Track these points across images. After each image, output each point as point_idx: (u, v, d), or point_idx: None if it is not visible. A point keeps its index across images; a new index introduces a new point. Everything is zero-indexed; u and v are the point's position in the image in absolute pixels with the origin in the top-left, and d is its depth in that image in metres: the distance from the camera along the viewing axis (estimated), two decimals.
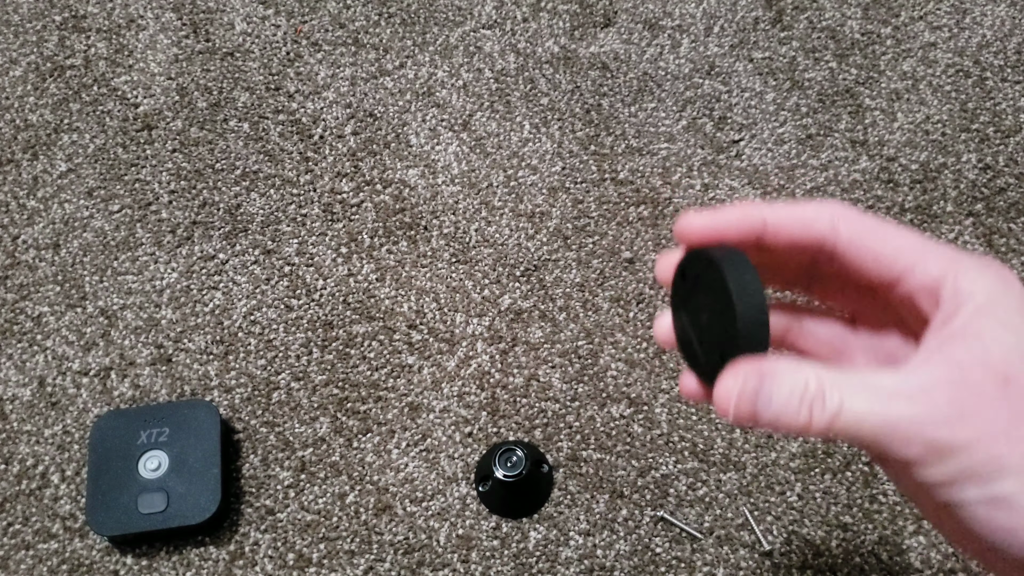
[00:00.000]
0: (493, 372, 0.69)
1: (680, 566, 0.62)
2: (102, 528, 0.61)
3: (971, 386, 0.28)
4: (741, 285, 0.30)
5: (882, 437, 0.28)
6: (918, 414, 0.28)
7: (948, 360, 0.29)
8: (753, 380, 0.29)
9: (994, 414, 0.28)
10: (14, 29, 0.82)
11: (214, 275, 0.72)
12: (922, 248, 0.31)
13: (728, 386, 0.30)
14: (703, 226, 0.32)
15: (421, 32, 0.83)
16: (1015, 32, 0.83)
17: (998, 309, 0.29)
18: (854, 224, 0.31)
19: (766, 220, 0.32)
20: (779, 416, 0.29)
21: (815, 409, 0.28)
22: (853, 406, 0.28)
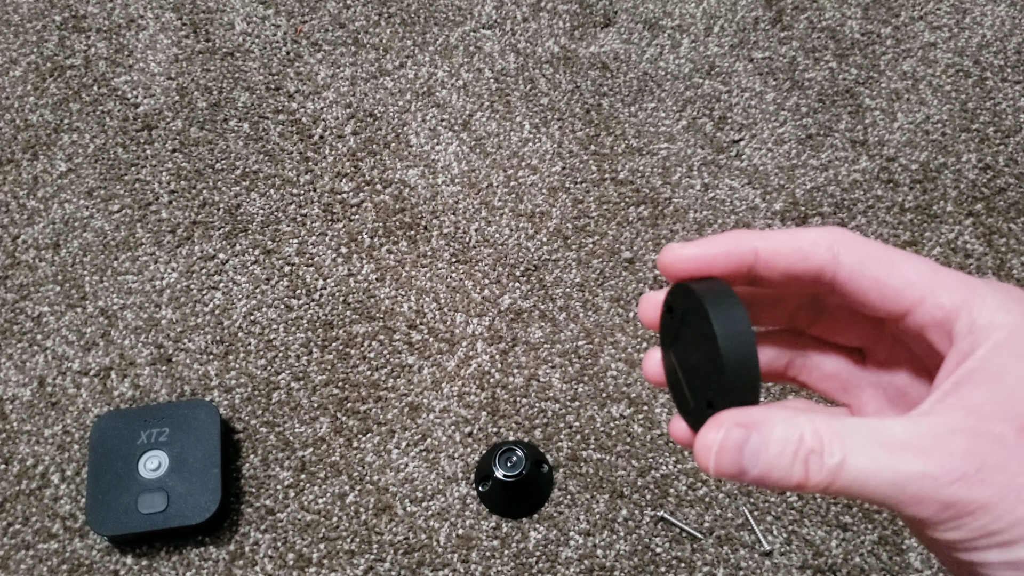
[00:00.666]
0: (493, 372, 0.69)
1: (680, 566, 0.62)
2: (102, 528, 0.61)
3: (990, 436, 0.25)
4: (727, 327, 0.27)
5: (891, 496, 0.25)
6: (931, 470, 0.25)
7: (964, 405, 0.26)
8: (737, 433, 0.27)
9: (1017, 468, 0.25)
10: (14, 29, 0.82)
11: (214, 275, 0.72)
12: (932, 277, 0.28)
13: (709, 439, 0.27)
14: (689, 258, 0.30)
15: (421, 32, 0.83)
16: (1015, 32, 0.83)
17: (1020, 349, 0.26)
18: (856, 252, 0.28)
19: (758, 250, 0.29)
20: (769, 472, 0.26)
21: (812, 465, 0.26)
22: (857, 462, 0.25)
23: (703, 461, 0.27)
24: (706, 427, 0.27)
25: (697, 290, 0.28)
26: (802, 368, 0.34)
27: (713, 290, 0.28)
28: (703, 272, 0.30)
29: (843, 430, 0.26)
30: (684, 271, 0.30)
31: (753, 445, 0.26)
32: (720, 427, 0.27)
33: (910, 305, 0.28)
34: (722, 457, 0.27)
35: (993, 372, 0.26)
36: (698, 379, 0.29)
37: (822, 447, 0.26)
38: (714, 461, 0.27)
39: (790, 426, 0.26)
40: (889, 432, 0.26)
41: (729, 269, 0.29)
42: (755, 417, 0.27)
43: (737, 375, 0.27)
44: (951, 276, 0.28)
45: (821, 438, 0.26)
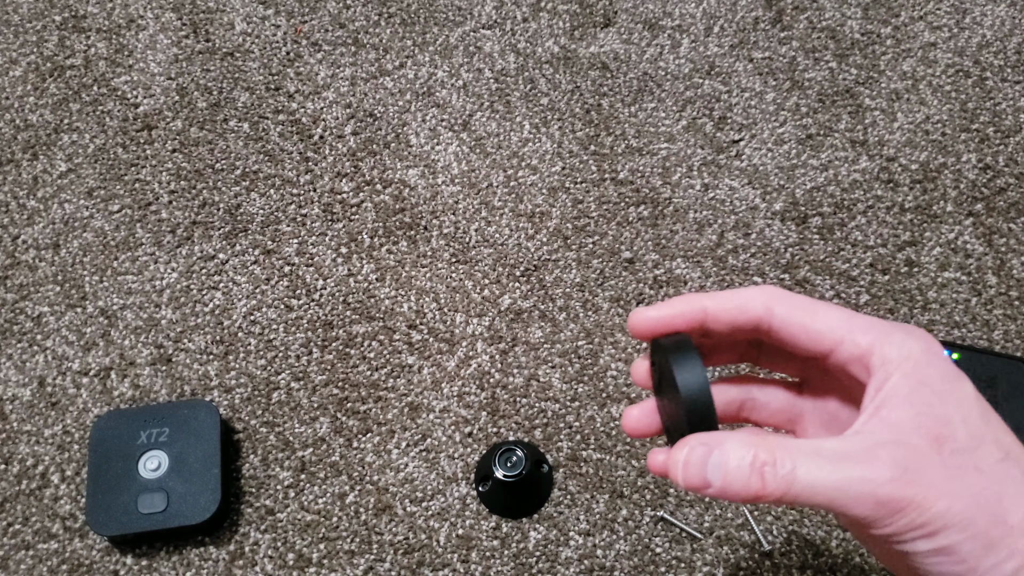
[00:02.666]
0: (493, 372, 0.69)
1: (680, 566, 0.62)
2: (102, 528, 0.61)
3: (909, 447, 0.31)
4: (685, 372, 0.33)
5: (836, 499, 0.30)
6: (866, 474, 0.30)
7: (885, 424, 0.31)
8: (700, 450, 0.32)
9: (933, 471, 0.30)
10: (14, 29, 0.82)
11: (214, 275, 0.72)
12: (849, 322, 0.33)
13: (676, 456, 0.32)
14: (651, 320, 0.36)
15: (421, 32, 0.83)
16: (1015, 32, 0.83)
17: (924, 375, 0.32)
18: (786, 305, 0.34)
19: (706, 309, 0.35)
20: (730, 482, 0.31)
21: (767, 476, 0.30)
22: (807, 472, 0.30)
23: (673, 475, 0.33)
24: (675, 447, 0.33)
25: (664, 345, 0.34)
26: (752, 409, 0.40)
27: (677, 344, 0.34)
28: (665, 331, 0.36)
29: (792, 446, 0.31)
30: (650, 331, 0.36)
31: (715, 460, 0.31)
32: (686, 446, 0.32)
33: (832, 345, 0.34)
34: (688, 470, 0.32)
35: (905, 396, 0.32)
36: (674, 420, 0.35)
37: (775, 460, 0.30)
38: (682, 474, 0.32)
39: (746, 444, 0.31)
40: (831, 448, 0.31)
41: (684, 326, 0.36)
42: (716, 438, 0.32)
43: (697, 413, 0.33)
44: (865, 320, 0.33)
45: (773, 453, 0.31)
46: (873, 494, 0.30)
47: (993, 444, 0.31)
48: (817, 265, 0.73)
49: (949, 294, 0.72)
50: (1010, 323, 0.70)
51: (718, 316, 0.35)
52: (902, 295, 0.71)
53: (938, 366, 0.32)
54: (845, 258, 0.73)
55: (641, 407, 0.39)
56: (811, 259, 0.73)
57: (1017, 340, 0.70)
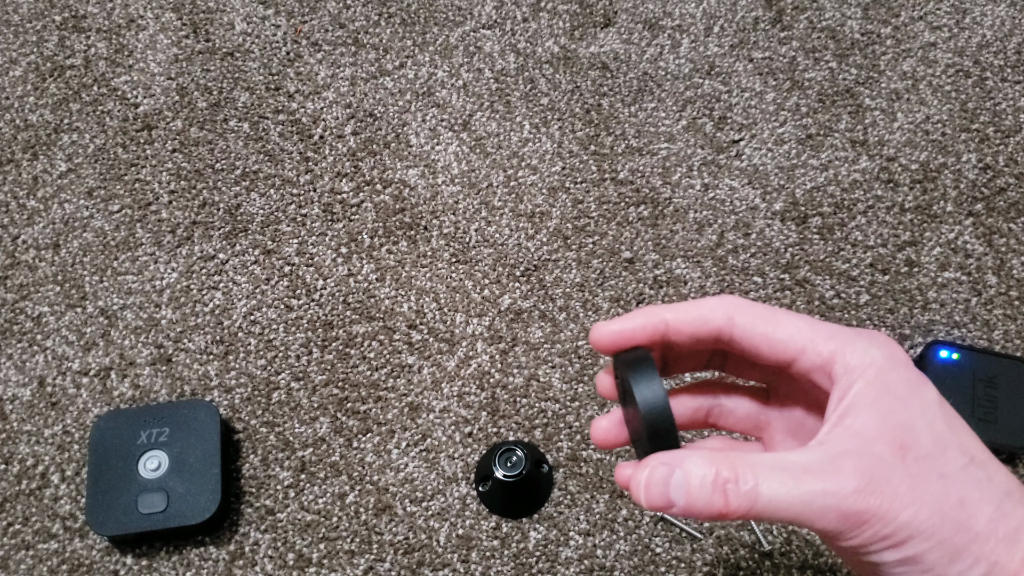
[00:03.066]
0: (493, 372, 0.69)
1: (680, 566, 0.62)
2: (102, 528, 0.61)
3: (873, 456, 0.30)
4: (644, 390, 0.33)
5: (801, 514, 0.30)
6: (831, 487, 0.30)
7: (848, 433, 0.31)
8: (661, 471, 0.31)
9: (898, 480, 0.30)
10: (14, 29, 0.83)
11: (214, 275, 0.72)
12: (811, 330, 0.33)
13: (639, 477, 0.32)
14: (613, 333, 0.35)
15: (421, 32, 0.83)
16: (1015, 32, 0.83)
17: (887, 382, 0.32)
18: (747, 315, 0.34)
19: (667, 321, 0.35)
20: (693, 501, 0.31)
21: (730, 493, 0.30)
22: (770, 487, 0.30)
23: (636, 496, 0.32)
24: (637, 468, 0.32)
25: (624, 360, 0.35)
26: (719, 415, 0.40)
27: (636, 360, 0.34)
28: (628, 343, 0.35)
29: (755, 462, 0.31)
30: (612, 344, 0.36)
31: (677, 480, 0.31)
32: (647, 467, 0.32)
33: (794, 354, 0.33)
34: (650, 491, 0.32)
35: (869, 404, 0.31)
36: (638, 433, 0.34)
37: (737, 477, 0.30)
38: (644, 495, 0.32)
39: (708, 462, 0.31)
40: (794, 461, 0.31)
41: (646, 338, 0.35)
42: (677, 457, 0.31)
43: (657, 432, 0.32)
44: (826, 328, 0.33)
45: (735, 470, 0.30)
46: (837, 508, 0.30)
47: (957, 449, 0.31)
48: (817, 265, 0.73)
49: (949, 294, 0.72)
50: (1010, 323, 0.70)
51: (679, 328, 0.35)
52: (902, 295, 0.71)
53: (901, 373, 0.32)
54: (845, 258, 0.73)
55: (609, 418, 0.39)
56: (811, 259, 0.73)
57: (1017, 340, 0.70)
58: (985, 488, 0.31)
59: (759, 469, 0.30)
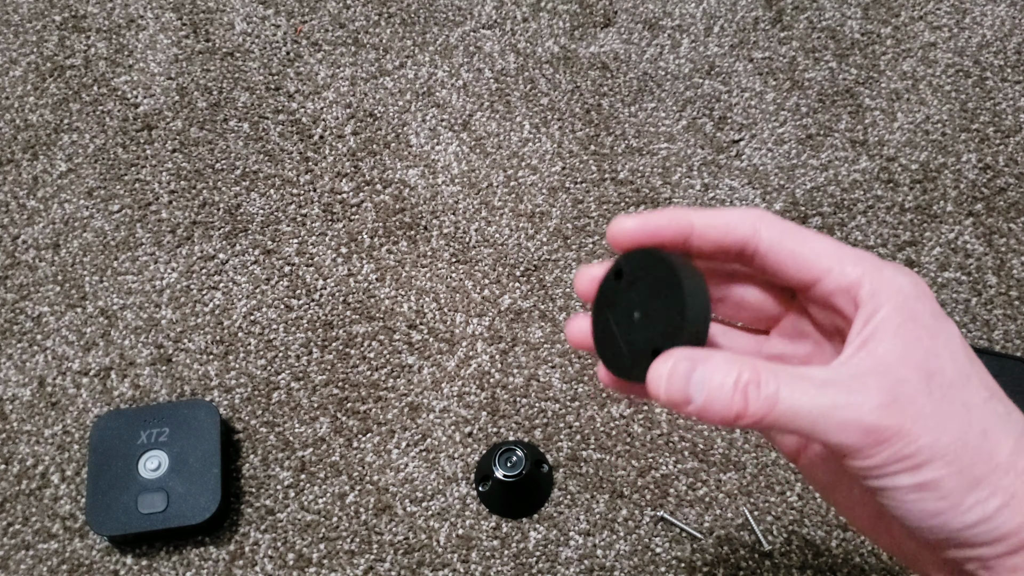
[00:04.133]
0: (493, 372, 0.69)
1: (680, 566, 0.62)
2: (102, 528, 0.61)
3: (899, 378, 0.29)
4: (692, 282, 0.31)
5: (819, 424, 0.29)
6: (855, 400, 0.29)
7: (872, 356, 0.30)
8: (684, 364, 0.30)
9: (922, 402, 0.29)
10: (14, 29, 0.82)
11: (214, 275, 0.72)
12: (839, 251, 0.32)
13: (660, 370, 0.30)
14: (637, 228, 0.34)
15: (421, 32, 0.83)
16: (1015, 32, 0.83)
17: (914, 310, 0.31)
18: (775, 228, 0.33)
19: (694, 223, 0.33)
20: (712, 401, 0.29)
21: (750, 396, 0.29)
22: (791, 394, 0.29)
23: (654, 389, 0.30)
24: (659, 360, 0.31)
25: (661, 253, 0.32)
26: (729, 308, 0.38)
27: (675, 255, 0.32)
28: (649, 241, 0.34)
29: (777, 368, 0.30)
30: (632, 240, 0.34)
31: (698, 376, 0.30)
32: (669, 359, 0.30)
33: (820, 273, 0.32)
34: (671, 384, 0.30)
35: (894, 330, 0.30)
36: (641, 332, 0.32)
37: (759, 380, 0.29)
38: (664, 387, 0.30)
39: (731, 362, 0.30)
40: (816, 373, 0.30)
41: (669, 239, 0.33)
42: (701, 354, 0.30)
43: (696, 321, 0.31)
44: (853, 252, 0.32)
45: (758, 373, 0.29)
46: (860, 421, 0.29)
47: (979, 383, 0.31)
48: None
49: (949, 294, 0.72)
50: (1010, 323, 0.70)
51: (705, 233, 0.33)
52: None
53: (926, 303, 0.31)
54: None
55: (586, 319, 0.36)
56: None
57: (1017, 340, 0.70)
58: (1006, 422, 0.30)
59: (782, 375, 0.29)
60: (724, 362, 0.30)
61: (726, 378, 0.29)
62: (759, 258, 0.33)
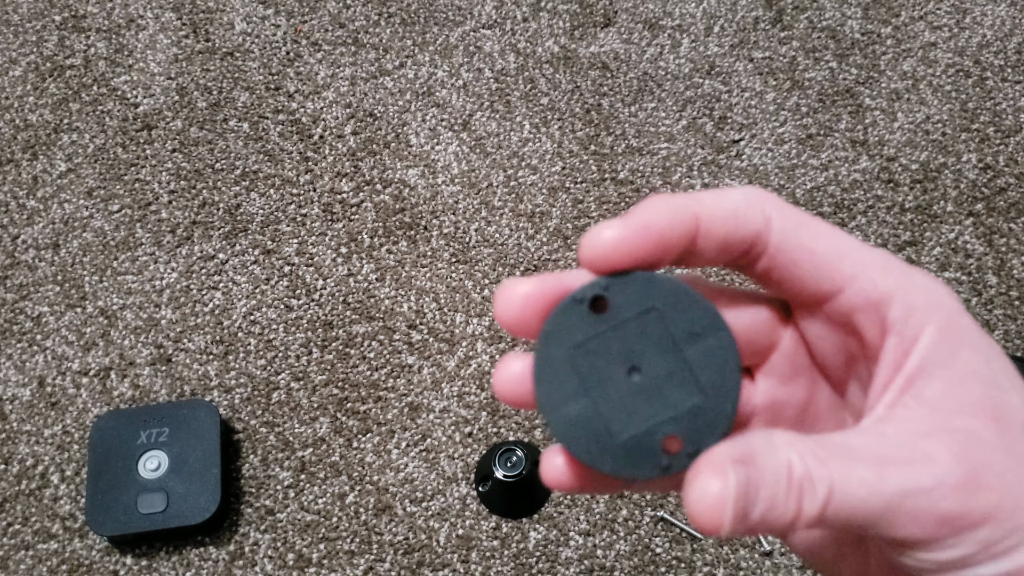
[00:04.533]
0: (493, 372, 0.68)
1: (680, 566, 0.62)
2: (102, 528, 0.61)
3: (967, 435, 0.22)
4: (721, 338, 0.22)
5: (883, 519, 0.21)
6: (924, 483, 0.21)
7: (922, 402, 0.22)
8: (741, 475, 0.21)
9: (1004, 464, 0.22)
10: (14, 29, 0.82)
11: (214, 275, 0.72)
12: (861, 253, 0.23)
13: (714, 490, 0.20)
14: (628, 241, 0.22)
15: (421, 32, 0.83)
16: (1015, 32, 0.83)
17: (962, 330, 0.23)
18: (788, 218, 0.23)
19: (699, 218, 0.23)
20: (767, 515, 0.21)
21: (805, 495, 0.21)
22: (847, 487, 0.21)
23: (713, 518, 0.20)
24: (704, 474, 0.21)
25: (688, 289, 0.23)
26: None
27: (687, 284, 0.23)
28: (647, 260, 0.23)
29: (820, 448, 0.21)
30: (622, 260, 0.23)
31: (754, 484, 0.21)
32: (721, 471, 0.21)
33: (843, 282, 0.23)
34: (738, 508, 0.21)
35: (945, 361, 0.22)
36: (647, 407, 0.22)
37: (811, 474, 0.21)
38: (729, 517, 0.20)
39: (775, 452, 0.21)
40: (861, 444, 0.22)
41: (671, 248, 0.23)
42: (744, 448, 0.21)
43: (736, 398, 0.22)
44: (877, 253, 0.24)
45: (806, 463, 0.21)
46: (933, 510, 0.21)
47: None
48: None
49: None
50: (1010, 323, 0.70)
51: (711, 230, 0.23)
52: None
53: (969, 319, 0.23)
54: None
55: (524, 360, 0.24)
56: None
57: (1017, 340, 0.70)
58: None
59: (830, 459, 0.21)
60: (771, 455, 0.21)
61: (778, 480, 0.21)
62: (766, 259, 0.24)
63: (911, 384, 0.22)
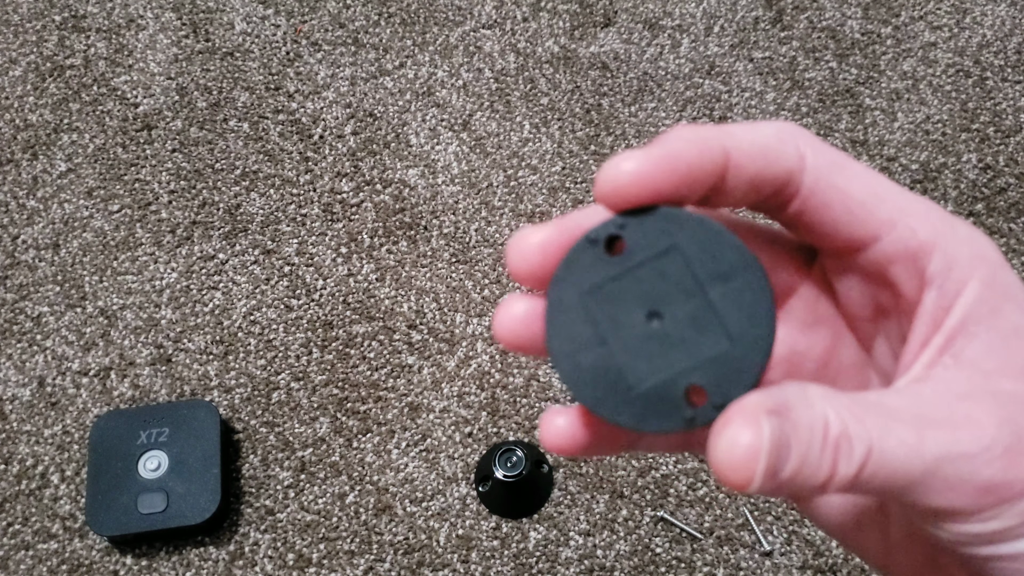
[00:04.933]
0: (493, 372, 0.68)
1: (680, 566, 0.62)
2: (102, 528, 0.61)
3: (1011, 399, 0.20)
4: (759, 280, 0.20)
5: (919, 485, 0.19)
6: (966, 448, 0.19)
7: (963, 362, 0.20)
8: (776, 425, 0.19)
9: None
10: (14, 29, 0.82)
11: (214, 275, 0.72)
12: (900, 198, 0.21)
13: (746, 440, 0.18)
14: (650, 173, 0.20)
15: (421, 32, 0.83)
16: (1015, 32, 0.83)
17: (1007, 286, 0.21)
18: (822, 155, 0.21)
19: (729, 152, 0.20)
20: (798, 473, 0.19)
21: (841, 454, 0.19)
22: (886, 446, 0.19)
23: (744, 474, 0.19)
24: (735, 424, 0.19)
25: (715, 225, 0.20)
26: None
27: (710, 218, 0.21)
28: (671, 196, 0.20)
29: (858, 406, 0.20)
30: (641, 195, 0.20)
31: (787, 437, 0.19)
32: (755, 421, 0.19)
33: (879, 228, 0.21)
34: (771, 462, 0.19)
35: (987, 318, 0.20)
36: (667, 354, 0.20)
37: (848, 432, 0.19)
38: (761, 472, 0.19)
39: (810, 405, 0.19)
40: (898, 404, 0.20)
41: (698, 184, 0.21)
42: (779, 398, 0.19)
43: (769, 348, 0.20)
44: (918, 200, 0.21)
45: (845, 420, 0.19)
46: (974, 476, 0.19)
47: None
48: None
49: None
50: None
51: (741, 166, 0.21)
52: None
53: (1014, 275, 0.21)
54: None
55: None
56: None
57: None
58: None
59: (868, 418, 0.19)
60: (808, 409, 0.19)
61: (813, 436, 0.19)
62: (798, 202, 0.21)
63: (951, 343, 0.21)
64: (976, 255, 0.21)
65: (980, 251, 0.21)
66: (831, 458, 0.19)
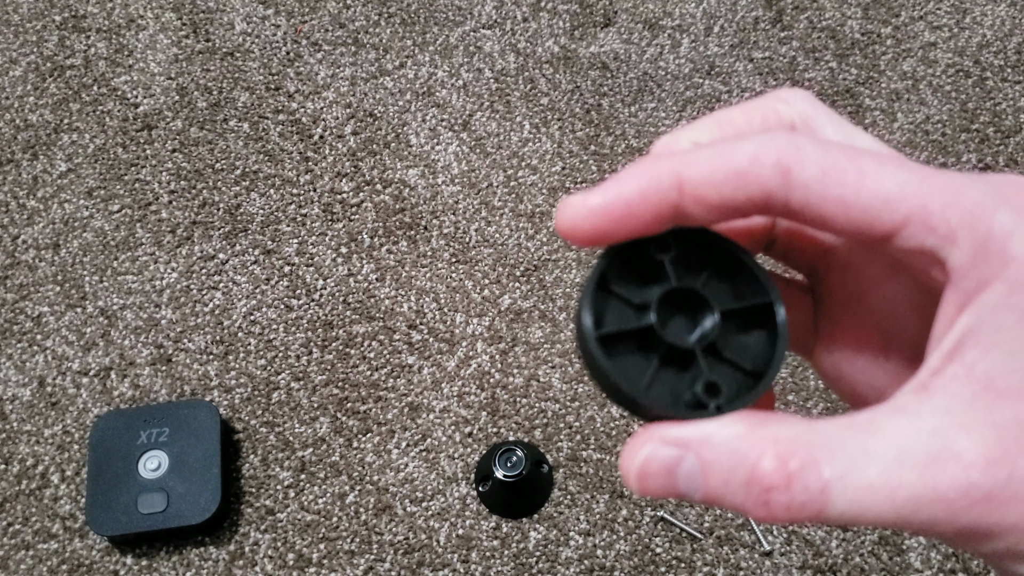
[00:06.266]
0: (493, 372, 0.69)
1: (680, 566, 0.62)
2: (102, 528, 0.61)
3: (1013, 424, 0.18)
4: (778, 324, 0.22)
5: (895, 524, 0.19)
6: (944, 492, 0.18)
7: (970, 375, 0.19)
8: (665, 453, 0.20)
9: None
10: (14, 29, 0.82)
11: (214, 275, 0.72)
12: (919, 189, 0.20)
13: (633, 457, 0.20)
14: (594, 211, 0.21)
15: (421, 32, 0.83)
16: (1015, 32, 0.83)
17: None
18: (813, 165, 0.20)
19: (682, 181, 0.20)
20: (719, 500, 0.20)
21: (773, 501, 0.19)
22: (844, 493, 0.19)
23: (626, 481, 0.21)
24: (631, 442, 0.21)
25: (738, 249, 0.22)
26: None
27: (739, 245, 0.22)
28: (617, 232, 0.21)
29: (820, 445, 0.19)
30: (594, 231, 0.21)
31: (689, 468, 0.20)
32: (645, 444, 0.20)
33: (888, 230, 0.20)
34: (647, 481, 0.20)
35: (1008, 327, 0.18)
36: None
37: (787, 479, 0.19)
38: (636, 482, 0.20)
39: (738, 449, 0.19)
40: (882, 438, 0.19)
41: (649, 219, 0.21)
42: (690, 434, 0.20)
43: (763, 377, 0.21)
44: (946, 185, 0.20)
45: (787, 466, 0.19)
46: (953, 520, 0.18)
47: None
48: None
49: None
50: None
51: (700, 194, 0.20)
52: None
53: None
54: None
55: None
56: None
57: None
58: None
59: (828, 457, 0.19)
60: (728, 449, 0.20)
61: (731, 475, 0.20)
62: (792, 215, 0.21)
63: (960, 349, 0.19)
64: (1005, 253, 0.18)
65: (1013, 251, 0.18)
66: (757, 491, 0.19)
